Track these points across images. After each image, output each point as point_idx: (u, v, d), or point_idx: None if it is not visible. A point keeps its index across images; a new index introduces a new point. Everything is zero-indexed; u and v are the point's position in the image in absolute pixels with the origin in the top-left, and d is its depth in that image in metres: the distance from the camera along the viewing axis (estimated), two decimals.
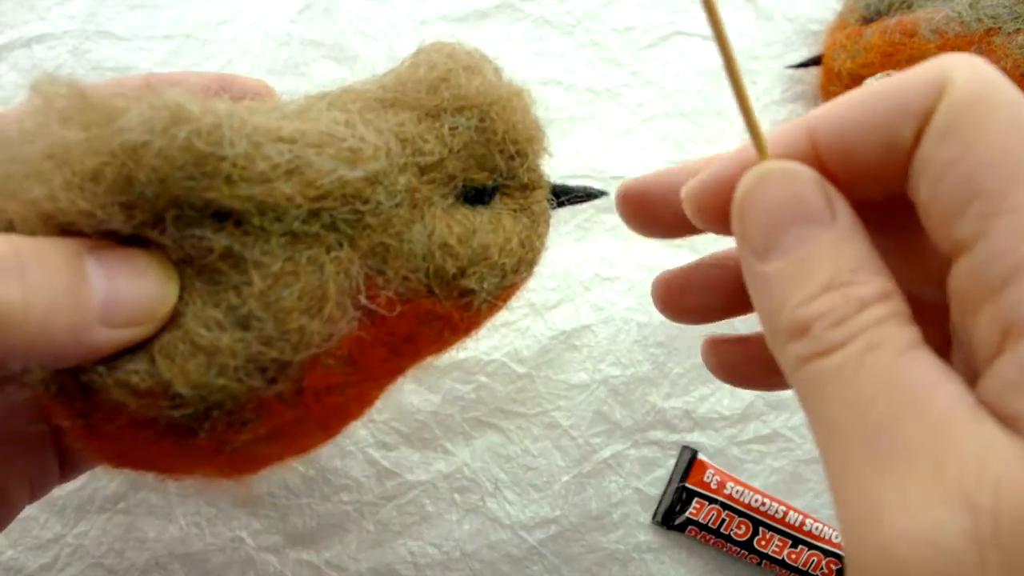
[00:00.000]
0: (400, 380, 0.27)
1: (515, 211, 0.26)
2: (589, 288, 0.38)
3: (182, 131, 0.19)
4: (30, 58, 0.39)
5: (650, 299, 0.38)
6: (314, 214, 0.21)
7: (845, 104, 0.18)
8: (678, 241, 0.39)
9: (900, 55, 0.36)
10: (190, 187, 0.19)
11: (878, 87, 0.18)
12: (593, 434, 0.36)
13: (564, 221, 0.39)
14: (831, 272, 0.17)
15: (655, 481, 0.36)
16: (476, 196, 0.25)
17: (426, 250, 0.24)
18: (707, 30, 0.43)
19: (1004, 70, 0.33)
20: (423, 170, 0.24)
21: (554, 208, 0.28)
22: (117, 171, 0.19)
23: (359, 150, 0.22)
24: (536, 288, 0.37)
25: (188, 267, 0.21)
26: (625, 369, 0.37)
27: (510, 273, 0.26)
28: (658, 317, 0.38)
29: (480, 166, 0.25)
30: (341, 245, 0.22)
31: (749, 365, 0.25)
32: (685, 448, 0.36)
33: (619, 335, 0.37)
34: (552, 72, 0.41)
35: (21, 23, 0.39)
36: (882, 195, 0.18)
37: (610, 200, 0.39)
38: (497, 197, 0.26)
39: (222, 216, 0.20)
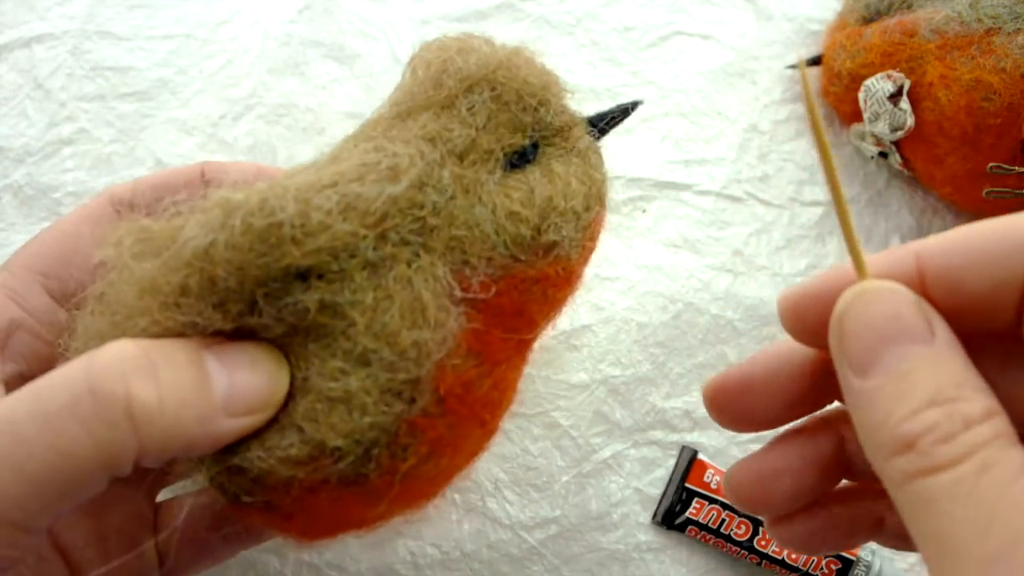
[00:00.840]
0: (533, 355, 0.27)
1: (562, 156, 0.27)
2: (589, 288, 0.38)
3: (236, 219, 0.20)
4: (30, 58, 0.39)
5: (650, 299, 0.38)
6: (382, 237, 0.22)
7: (958, 237, 0.20)
8: (678, 241, 0.39)
9: (900, 55, 0.36)
10: (265, 262, 0.21)
11: (993, 224, 0.20)
12: (593, 434, 0.36)
13: None
14: (934, 388, 0.17)
15: (655, 481, 0.36)
16: (520, 158, 0.26)
17: (496, 225, 0.24)
18: (707, 30, 0.44)
19: (1004, 70, 0.33)
20: (460, 157, 0.25)
21: (598, 139, 0.28)
22: (199, 278, 0.21)
23: (396, 165, 0.23)
24: None
25: (296, 336, 0.22)
26: (625, 369, 0.37)
27: (583, 212, 0.26)
28: (658, 317, 0.38)
29: (512, 130, 0.26)
30: (418, 255, 0.23)
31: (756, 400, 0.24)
32: (685, 448, 0.36)
33: (619, 335, 0.37)
34: None
35: (21, 23, 0.39)
36: (986, 328, 0.19)
37: (610, 200, 0.39)
38: (540, 151, 0.26)
39: (304, 276, 0.21)
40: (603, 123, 0.29)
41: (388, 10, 0.41)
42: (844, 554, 0.35)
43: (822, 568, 0.35)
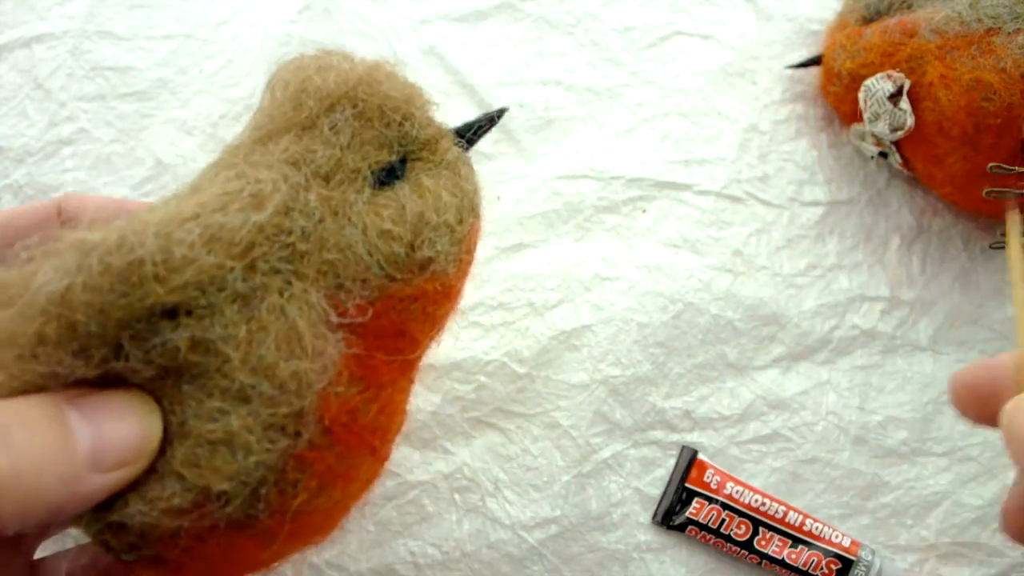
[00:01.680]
0: (418, 375, 0.27)
1: (431, 170, 0.26)
2: (589, 288, 0.38)
3: (93, 259, 0.19)
4: (30, 58, 0.39)
5: (650, 299, 0.38)
6: (250, 268, 0.21)
7: None
8: (678, 241, 0.39)
9: (900, 55, 0.36)
10: (128, 303, 0.20)
11: None
12: (593, 434, 0.36)
13: (564, 221, 0.39)
14: None
15: (655, 481, 0.36)
16: (388, 175, 0.25)
17: (368, 246, 0.24)
18: (707, 30, 0.44)
19: (1004, 70, 0.33)
20: (326, 178, 0.24)
21: (467, 150, 0.28)
22: (56, 325, 0.19)
23: (259, 191, 0.22)
24: (536, 288, 0.37)
25: (168, 378, 0.21)
26: (625, 369, 0.37)
27: (456, 225, 0.26)
28: (658, 317, 0.38)
29: (377, 147, 0.25)
30: (290, 283, 0.22)
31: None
32: (685, 448, 0.36)
33: (619, 335, 0.37)
34: (552, 72, 0.41)
35: (21, 23, 0.39)
36: None
37: (610, 200, 0.39)
38: (408, 166, 0.26)
39: (172, 314, 0.20)
40: (470, 133, 0.28)
41: (388, 10, 0.41)
42: (844, 554, 0.35)
43: (822, 568, 0.35)
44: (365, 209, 0.24)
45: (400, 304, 0.24)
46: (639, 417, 0.37)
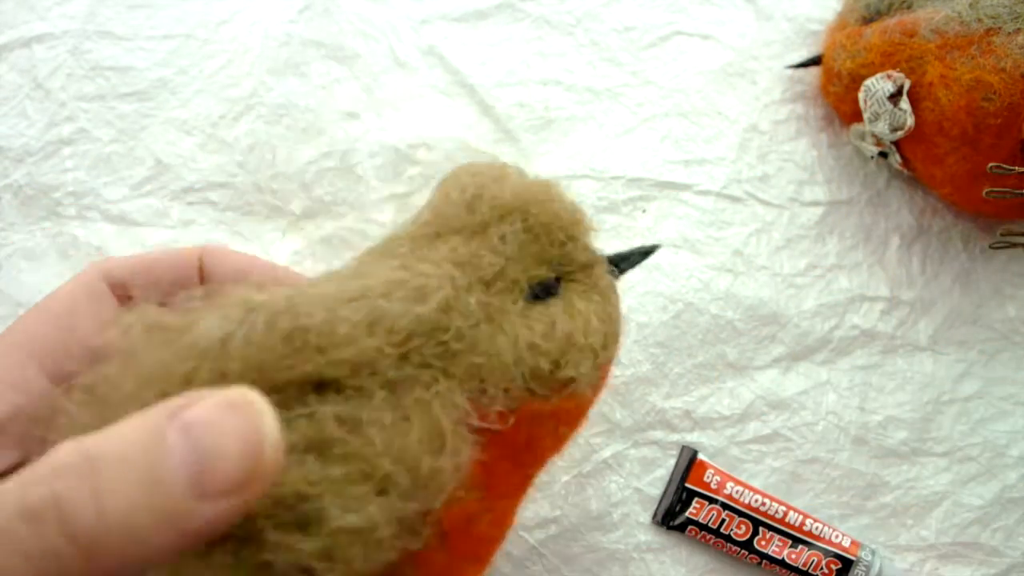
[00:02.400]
0: (528, 494, 0.27)
1: (583, 292, 0.26)
2: None
3: (259, 317, 0.20)
4: (30, 58, 0.39)
5: (650, 299, 0.38)
6: (404, 358, 0.22)
7: None
8: (678, 241, 0.39)
9: (900, 55, 0.36)
10: (286, 365, 0.20)
11: None
12: (593, 434, 0.36)
13: None
14: None
15: (655, 481, 0.36)
16: (544, 291, 0.26)
17: (516, 356, 0.24)
18: (707, 30, 0.44)
19: (1004, 70, 0.33)
20: (487, 284, 0.24)
21: (617, 278, 0.28)
22: (207, 370, 0.19)
23: (424, 285, 0.22)
24: None
25: (307, 452, 0.19)
26: (625, 369, 0.37)
27: (600, 350, 0.26)
28: (658, 317, 0.38)
29: (538, 262, 0.26)
30: (437, 379, 0.22)
31: None
32: (685, 448, 0.36)
33: None
34: (552, 72, 0.41)
35: (21, 23, 0.39)
36: None
37: (610, 200, 0.39)
38: (562, 285, 0.26)
39: (320, 388, 0.20)
40: (623, 264, 0.29)
41: (388, 10, 0.41)
42: (844, 554, 0.35)
43: (822, 568, 0.35)
44: (518, 320, 0.24)
45: (536, 419, 0.24)
46: (639, 417, 0.37)
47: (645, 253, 0.30)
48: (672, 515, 0.36)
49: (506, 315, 0.24)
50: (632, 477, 0.36)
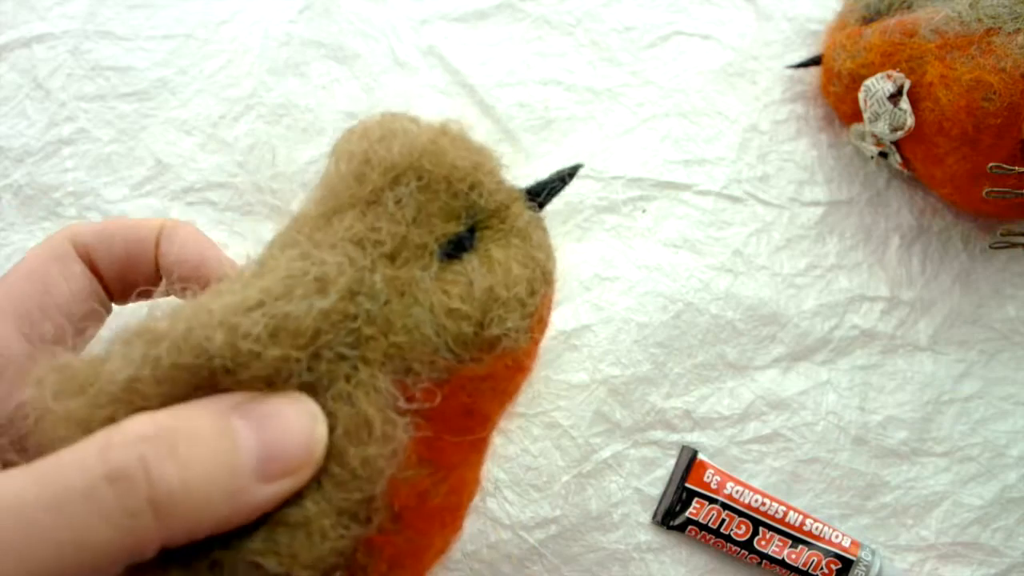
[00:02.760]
0: (490, 448, 0.26)
1: (501, 238, 0.25)
2: (589, 288, 0.38)
3: (163, 351, 0.19)
4: (30, 58, 0.39)
5: (650, 299, 0.38)
6: (315, 356, 0.21)
7: None
8: (678, 241, 0.39)
9: (900, 55, 0.36)
10: (199, 392, 0.20)
11: None
12: (593, 434, 0.36)
13: (563, 221, 0.39)
14: None
15: (655, 481, 0.36)
16: (456, 247, 0.24)
17: (436, 326, 0.23)
18: (707, 30, 0.44)
19: (1004, 70, 0.33)
20: (392, 257, 0.23)
21: (539, 211, 0.27)
22: (126, 412, 0.19)
23: (323, 275, 0.22)
24: None
25: None
26: (625, 369, 0.37)
27: (528, 298, 0.24)
28: (658, 317, 0.38)
29: (444, 219, 0.24)
30: (356, 368, 0.22)
31: None
32: (685, 448, 0.36)
33: (619, 335, 0.37)
34: (552, 72, 0.41)
35: (21, 23, 0.39)
36: None
37: (610, 200, 0.39)
38: (476, 235, 0.25)
39: None
40: (543, 194, 0.27)
41: (388, 10, 0.41)
42: (844, 554, 0.35)
43: (822, 568, 0.35)
44: (432, 286, 0.23)
45: (470, 384, 0.23)
46: (639, 417, 0.37)
47: (563, 179, 0.28)
48: (672, 515, 0.36)
49: (418, 284, 0.23)
50: (632, 477, 0.36)
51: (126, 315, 0.25)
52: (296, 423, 0.20)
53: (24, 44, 0.39)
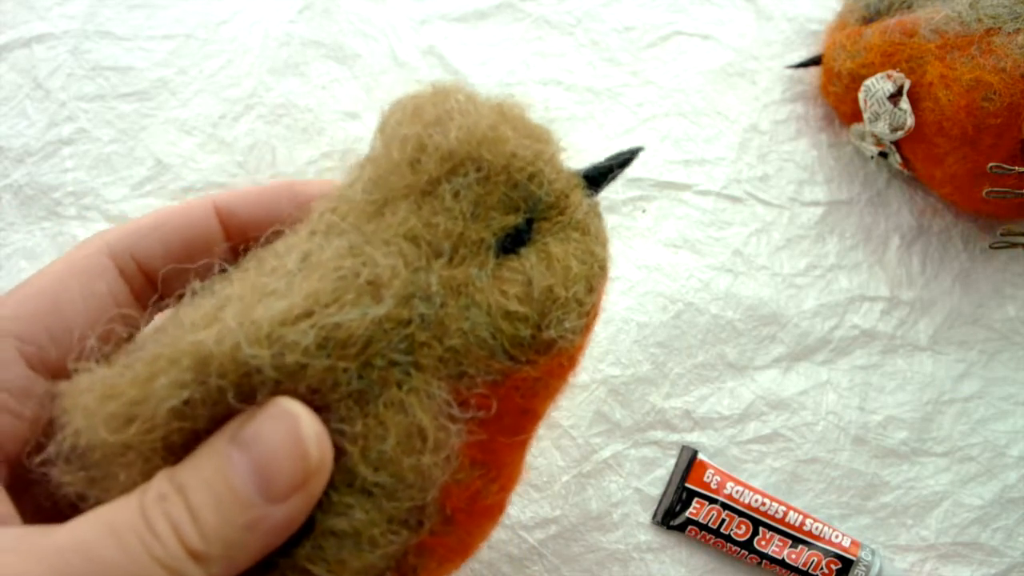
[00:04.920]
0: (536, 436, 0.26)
1: (559, 231, 0.24)
2: None
3: (212, 372, 0.19)
4: (30, 58, 0.39)
5: (650, 299, 0.38)
6: (366, 365, 0.20)
7: None
8: (678, 241, 0.39)
9: (900, 55, 0.36)
10: (240, 407, 0.19)
11: None
12: (593, 434, 0.36)
13: None
14: None
15: (655, 481, 0.36)
16: (514, 241, 0.23)
17: (492, 329, 0.22)
18: (707, 30, 0.44)
19: (1004, 70, 0.33)
20: (448, 255, 0.22)
21: (596, 197, 0.25)
22: (180, 434, 0.19)
23: (376, 278, 0.20)
24: None
25: None
26: (625, 369, 0.37)
27: (586, 296, 0.23)
28: (658, 317, 0.38)
29: (503, 212, 0.23)
30: (409, 374, 0.21)
31: None
32: (685, 448, 0.36)
33: (619, 335, 0.37)
34: (552, 72, 0.41)
35: (21, 23, 0.39)
36: None
37: (610, 200, 0.39)
38: (535, 226, 0.23)
39: None
40: (603, 181, 0.26)
41: (388, 10, 0.41)
42: (844, 554, 0.35)
43: (822, 568, 0.35)
44: (489, 285, 0.22)
45: (524, 385, 0.23)
46: (639, 417, 0.37)
47: (625, 162, 0.26)
48: (672, 515, 0.36)
49: (475, 283, 0.22)
50: (632, 477, 0.36)
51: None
52: (281, 438, 0.19)
53: (24, 44, 0.39)
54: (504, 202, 0.23)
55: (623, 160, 0.26)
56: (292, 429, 0.19)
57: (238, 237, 0.25)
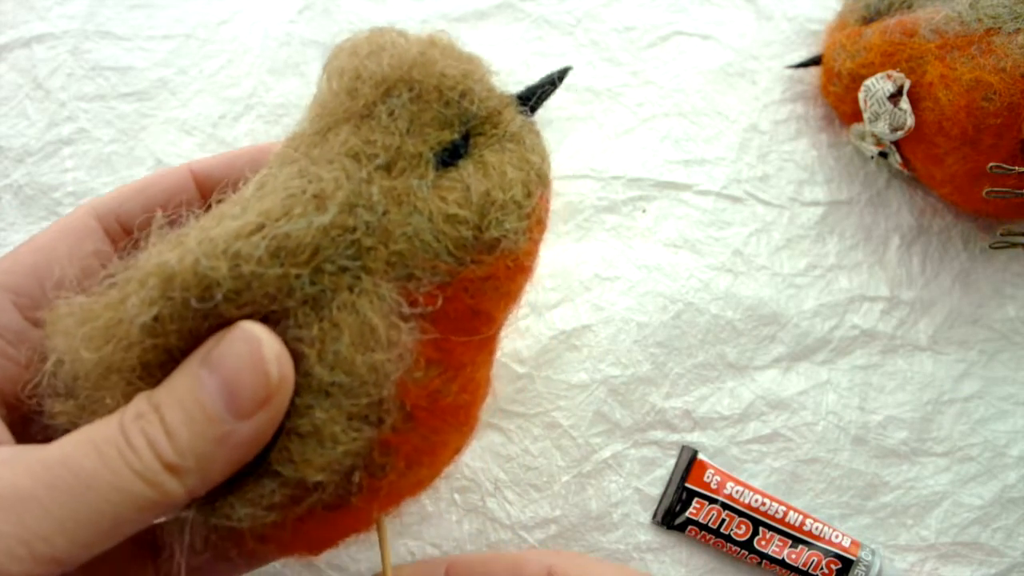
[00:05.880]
0: (499, 346, 0.27)
1: (494, 144, 0.26)
2: (589, 288, 0.38)
3: (176, 289, 0.21)
4: (30, 58, 0.39)
5: (650, 299, 0.39)
6: (317, 271, 0.22)
7: (478, 560, 0.28)
8: (678, 241, 0.39)
9: (900, 55, 0.36)
10: (208, 324, 0.21)
11: (506, 558, 0.27)
12: (593, 434, 0.36)
13: (564, 221, 0.39)
14: None
15: (655, 481, 0.36)
16: (451, 155, 0.25)
17: (435, 232, 0.23)
18: (707, 30, 0.43)
19: (1004, 70, 0.33)
20: (388, 168, 0.24)
21: (531, 116, 0.27)
22: (155, 351, 0.21)
23: (321, 192, 0.22)
24: (536, 288, 0.37)
25: None
26: (625, 369, 0.37)
27: (524, 200, 0.25)
28: (658, 317, 0.38)
29: (438, 128, 0.25)
30: (359, 278, 0.22)
31: None
32: (685, 448, 0.36)
33: (619, 335, 0.37)
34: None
35: (21, 23, 0.39)
36: None
37: (610, 200, 0.39)
38: (471, 142, 0.25)
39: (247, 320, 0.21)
40: (534, 99, 0.28)
41: (388, 10, 0.41)
42: (844, 554, 0.35)
43: (822, 568, 0.35)
44: (430, 194, 0.24)
45: (472, 286, 0.24)
46: (639, 417, 0.37)
47: (553, 81, 0.28)
48: (672, 515, 0.36)
49: (416, 192, 0.24)
50: (632, 477, 0.36)
51: None
52: (244, 359, 0.21)
53: (24, 44, 0.39)
54: (438, 119, 0.25)
55: (553, 79, 0.28)
56: (255, 351, 0.21)
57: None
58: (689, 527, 0.35)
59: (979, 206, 0.37)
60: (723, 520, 0.35)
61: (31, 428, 0.24)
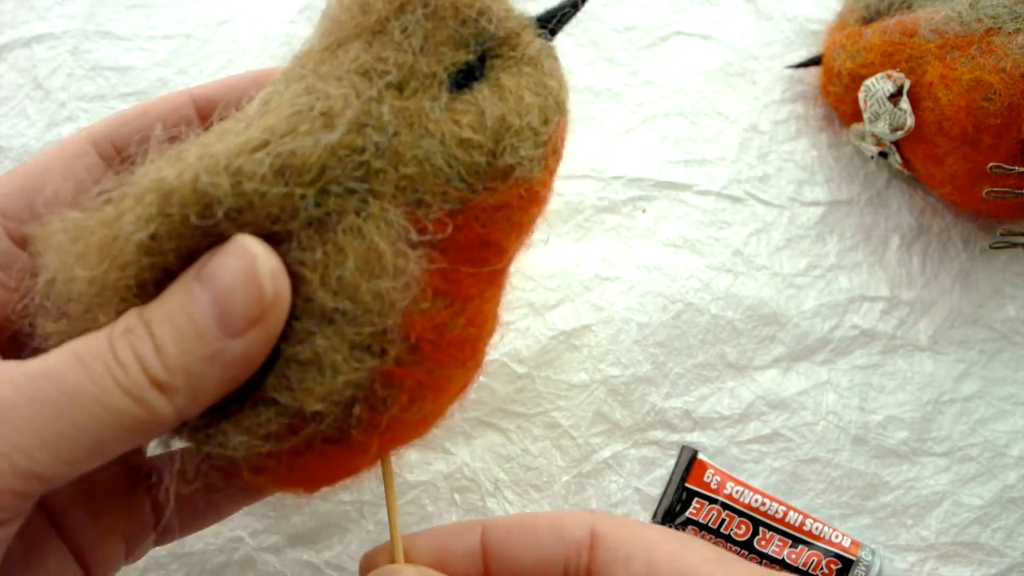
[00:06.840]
0: (508, 281, 0.26)
1: (511, 67, 0.24)
2: (589, 288, 0.38)
3: (174, 206, 0.20)
4: (30, 58, 0.39)
5: (650, 299, 0.39)
6: (323, 192, 0.21)
7: (515, 522, 0.26)
8: (678, 241, 0.39)
9: (900, 55, 0.36)
10: (209, 242, 0.20)
11: (543, 517, 0.26)
12: (593, 434, 0.36)
13: (564, 221, 0.39)
14: None
15: (655, 481, 0.36)
16: (466, 76, 0.24)
17: (447, 157, 0.22)
18: (707, 30, 0.43)
19: (1004, 70, 0.33)
20: (400, 87, 0.23)
21: (550, 39, 0.26)
22: (151, 270, 0.20)
23: (328, 109, 0.21)
24: (536, 288, 0.37)
25: None
26: (625, 369, 0.37)
27: (540, 127, 0.24)
28: (658, 317, 0.38)
29: (453, 47, 0.23)
30: (366, 202, 0.21)
31: None
32: (685, 448, 0.36)
33: (619, 335, 0.37)
34: None
35: (21, 23, 0.39)
36: None
37: (610, 200, 0.39)
38: (487, 64, 0.24)
39: None
40: (554, 21, 0.26)
41: None
42: (844, 554, 0.35)
43: (822, 568, 0.35)
44: (443, 117, 0.23)
45: (484, 214, 0.23)
46: (639, 417, 0.37)
47: (575, 4, 0.27)
48: (672, 515, 0.36)
49: (428, 115, 0.23)
50: (632, 477, 0.36)
51: None
52: (238, 274, 0.20)
53: (24, 44, 0.39)
54: (454, 38, 0.23)
55: (573, 2, 0.26)
56: (249, 266, 0.20)
57: None
58: (689, 527, 0.35)
59: (979, 206, 0.37)
60: (723, 520, 0.35)
61: (23, 356, 0.23)
